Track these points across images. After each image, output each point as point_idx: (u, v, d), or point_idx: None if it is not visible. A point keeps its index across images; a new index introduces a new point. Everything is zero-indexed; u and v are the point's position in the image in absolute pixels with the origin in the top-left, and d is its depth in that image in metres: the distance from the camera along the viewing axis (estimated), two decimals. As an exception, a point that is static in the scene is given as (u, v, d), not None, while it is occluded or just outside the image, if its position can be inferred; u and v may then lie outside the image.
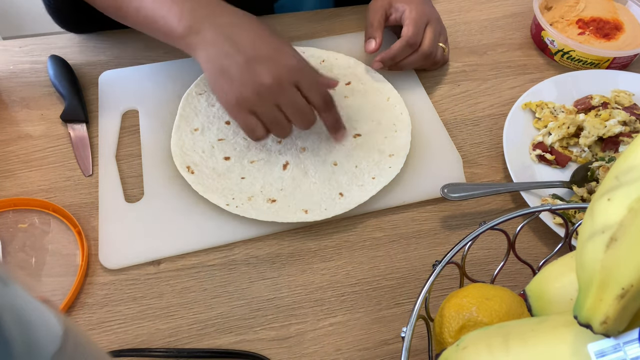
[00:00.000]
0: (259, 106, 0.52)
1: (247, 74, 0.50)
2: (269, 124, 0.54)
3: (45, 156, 0.61)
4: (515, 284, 0.52)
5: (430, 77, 0.71)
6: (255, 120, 0.53)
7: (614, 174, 0.28)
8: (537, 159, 0.61)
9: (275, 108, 0.53)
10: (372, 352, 0.49)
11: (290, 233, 0.56)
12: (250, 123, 0.53)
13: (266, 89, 0.51)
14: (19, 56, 0.71)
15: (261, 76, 0.50)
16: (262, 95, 0.51)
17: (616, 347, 0.26)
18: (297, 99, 0.52)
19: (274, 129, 0.54)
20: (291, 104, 0.52)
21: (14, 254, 0.53)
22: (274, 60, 0.51)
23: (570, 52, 0.70)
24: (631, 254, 0.25)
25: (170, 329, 0.49)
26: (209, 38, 0.52)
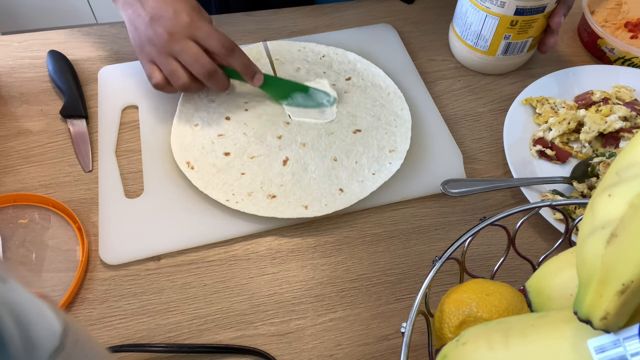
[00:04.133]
0: (156, 57, 0.59)
1: (149, 30, 0.58)
2: (166, 73, 0.59)
3: (45, 152, 0.61)
4: (515, 280, 0.52)
5: (430, 72, 0.71)
6: (155, 68, 0.60)
7: (614, 170, 0.28)
8: (538, 155, 0.61)
9: (170, 58, 0.58)
10: (372, 347, 0.49)
11: (290, 229, 0.56)
12: (148, 70, 0.60)
13: (160, 40, 0.58)
14: (18, 51, 0.71)
15: (157, 31, 0.58)
16: (158, 46, 0.58)
17: (616, 343, 0.26)
18: (190, 48, 0.57)
19: (169, 76, 0.59)
20: (185, 53, 0.57)
21: (14, 249, 0.53)
22: (171, 19, 0.58)
23: (633, 58, 0.69)
24: (632, 250, 0.25)
25: (171, 324, 0.49)
26: (127, 1, 0.60)
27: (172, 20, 0.57)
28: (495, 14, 0.62)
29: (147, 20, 0.58)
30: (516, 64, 0.71)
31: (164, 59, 0.58)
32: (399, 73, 0.69)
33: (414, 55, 0.73)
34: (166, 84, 0.60)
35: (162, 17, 0.57)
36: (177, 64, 0.58)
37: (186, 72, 0.59)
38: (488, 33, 0.65)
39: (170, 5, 0.58)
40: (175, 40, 0.57)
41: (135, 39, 0.60)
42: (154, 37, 0.58)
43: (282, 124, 0.62)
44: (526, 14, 0.61)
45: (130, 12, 0.60)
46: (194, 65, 0.58)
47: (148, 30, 0.58)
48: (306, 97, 0.64)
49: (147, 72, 0.60)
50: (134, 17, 0.59)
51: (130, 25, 0.60)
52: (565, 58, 0.74)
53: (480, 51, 0.68)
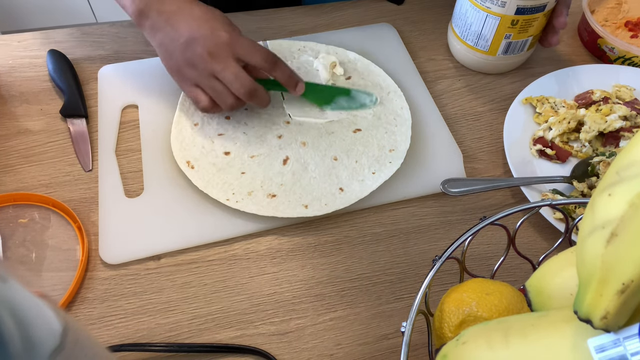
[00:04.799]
0: (199, 78, 0.57)
1: (187, 52, 0.56)
2: (211, 94, 0.58)
3: (44, 151, 0.61)
4: (515, 279, 0.52)
5: (430, 72, 0.71)
6: (200, 91, 0.58)
7: (614, 169, 0.28)
8: (538, 154, 0.61)
9: (212, 78, 0.57)
10: (372, 346, 0.49)
11: (290, 228, 0.56)
12: (193, 94, 0.59)
13: (201, 61, 0.56)
14: (18, 51, 0.71)
15: (197, 51, 0.56)
16: (199, 68, 0.56)
17: (616, 342, 0.26)
18: (231, 67, 0.56)
19: (217, 98, 0.58)
20: (226, 72, 0.56)
21: (14, 249, 0.53)
22: (208, 37, 0.56)
23: (633, 58, 0.69)
24: (632, 250, 0.25)
25: (171, 323, 0.49)
26: (156, 24, 0.57)
27: (210, 40, 0.55)
28: (495, 14, 0.62)
29: (182, 42, 0.56)
30: (516, 63, 0.71)
31: (207, 80, 0.57)
32: (399, 72, 0.69)
33: (414, 54, 0.73)
34: (214, 107, 0.59)
35: (199, 38, 0.55)
36: (222, 85, 0.57)
37: (229, 92, 0.57)
38: (489, 33, 0.65)
39: (206, 24, 0.56)
40: (216, 59, 0.55)
41: (171, 64, 0.58)
42: (194, 59, 0.56)
43: (282, 123, 0.62)
44: (527, 13, 0.61)
45: (161, 36, 0.57)
46: (234, 84, 0.56)
47: (186, 53, 0.56)
48: (349, 99, 0.64)
49: (191, 97, 0.59)
50: (166, 41, 0.57)
51: (162, 50, 0.58)
52: (566, 57, 0.74)
53: (481, 51, 0.68)
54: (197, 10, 0.57)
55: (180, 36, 0.56)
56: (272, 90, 0.62)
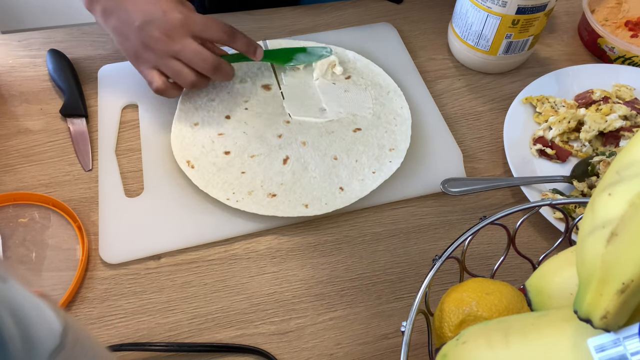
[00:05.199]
0: (157, 60, 0.57)
1: (141, 35, 0.56)
2: (171, 74, 0.58)
3: (44, 151, 0.61)
4: (515, 279, 0.52)
5: (430, 71, 0.71)
6: (154, 72, 0.58)
7: (614, 169, 0.28)
8: (538, 154, 0.61)
9: (172, 59, 0.57)
10: (372, 346, 0.49)
11: (290, 227, 0.56)
12: (148, 75, 0.58)
13: (158, 43, 0.56)
14: (18, 50, 0.71)
15: (152, 34, 0.55)
16: (156, 50, 0.56)
17: (616, 342, 0.26)
18: (190, 45, 0.56)
19: (176, 78, 0.58)
20: (186, 51, 0.56)
21: (14, 248, 0.53)
22: (161, 18, 0.55)
23: (633, 57, 0.69)
24: (632, 249, 0.25)
25: (171, 323, 0.49)
26: (107, 8, 0.57)
27: (165, 21, 0.55)
28: (496, 14, 0.62)
29: (137, 25, 0.55)
30: (517, 63, 0.71)
31: (165, 61, 0.57)
32: (398, 72, 0.69)
33: (414, 54, 0.72)
34: (168, 87, 0.58)
35: (153, 20, 0.55)
36: (180, 64, 0.57)
37: (191, 70, 0.57)
38: (489, 33, 0.65)
39: (157, 5, 0.55)
40: (173, 40, 0.55)
41: (128, 48, 0.58)
42: (150, 41, 0.56)
43: (282, 122, 0.62)
44: (527, 12, 0.61)
45: (114, 20, 0.57)
46: (196, 61, 0.57)
47: (141, 36, 0.56)
48: (307, 55, 0.67)
49: (146, 78, 0.59)
50: (119, 25, 0.57)
51: (117, 36, 0.58)
52: (566, 57, 0.74)
53: (482, 51, 0.68)
54: None
55: (133, 19, 0.55)
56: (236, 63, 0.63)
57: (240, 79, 0.65)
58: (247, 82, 0.65)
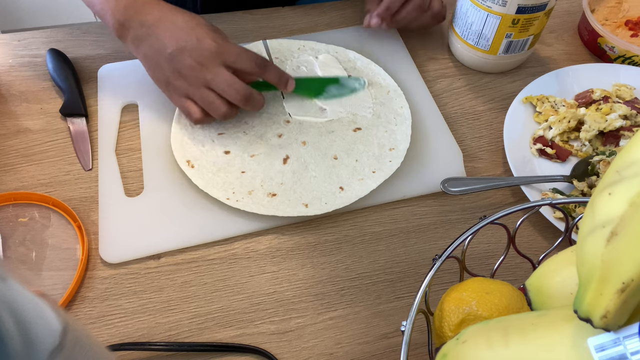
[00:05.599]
0: (189, 89, 0.56)
1: (174, 63, 0.55)
2: (203, 105, 0.57)
3: (44, 150, 0.61)
4: (515, 278, 0.52)
5: (430, 70, 0.71)
6: (191, 103, 0.57)
7: (615, 169, 0.28)
8: (538, 153, 0.61)
9: (204, 89, 0.56)
10: (372, 345, 0.49)
11: (290, 227, 0.56)
12: (185, 106, 0.58)
13: (191, 72, 0.55)
14: (18, 50, 0.70)
15: (185, 62, 0.54)
16: (189, 79, 0.55)
17: (616, 342, 0.26)
18: (223, 75, 0.55)
19: (208, 108, 0.57)
20: (218, 81, 0.55)
21: (14, 248, 0.53)
22: (195, 47, 0.54)
23: (634, 57, 0.69)
24: (632, 249, 0.25)
25: (171, 322, 0.49)
26: (138, 35, 0.56)
27: (198, 49, 0.54)
28: (496, 13, 0.62)
29: (169, 53, 0.54)
30: (517, 62, 0.71)
31: (197, 90, 0.56)
32: (398, 71, 0.69)
33: (414, 53, 0.72)
34: (205, 117, 0.58)
35: (186, 48, 0.54)
36: (213, 94, 0.56)
37: (223, 101, 0.56)
38: (489, 32, 0.65)
39: (191, 33, 0.55)
40: (206, 68, 0.54)
41: (159, 76, 0.57)
42: (183, 70, 0.55)
43: (282, 122, 0.62)
44: (527, 12, 0.61)
45: (145, 48, 0.56)
46: (229, 91, 0.55)
47: (174, 64, 0.55)
48: (339, 87, 0.65)
49: (182, 109, 0.58)
50: (151, 53, 0.56)
51: (148, 63, 0.57)
52: (566, 56, 0.74)
53: (482, 50, 0.68)
54: (180, 19, 0.56)
55: (165, 47, 0.55)
56: (266, 91, 0.62)
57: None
58: None
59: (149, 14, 0.56)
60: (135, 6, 0.56)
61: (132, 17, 0.56)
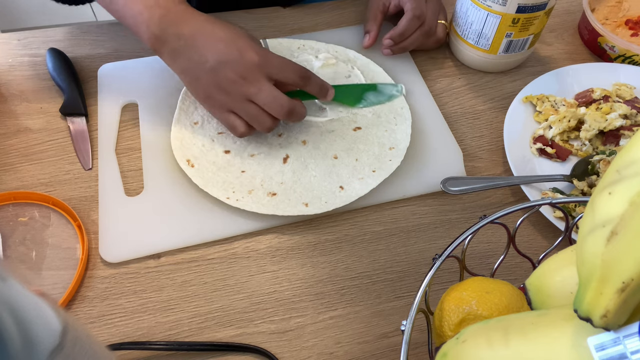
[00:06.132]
0: (232, 104, 0.55)
1: (216, 77, 0.53)
2: (247, 119, 0.55)
3: (44, 150, 0.61)
4: (515, 278, 0.52)
5: (430, 70, 0.71)
6: (234, 117, 0.56)
7: (615, 168, 0.28)
8: (538, 153, 0.61)
9: (248, 102, 0.54)
10: (372, 345, 0.49)
11: (290, 226, 0.56)
12: (229, 121, 0.56)
13: (234, 86, 0.53)
14: (18, 49, 0.70)
15: (228, 76, 0.53)
16: (232, 93, 0.54)
17: (616, 341, 0.26)
18: (266, 89, 0.53)
19: (253, 122, 0.56)
20: (262, 95, 0.54)
21: (14, 247, 0.53)
22: (238, 60, 0.53)
23: (634, 56, 0.69)
24: (632, 248, 0.25)
25: (171, 322, 0.49)
26: (176, 49, 0.54)
27: (241, 63, 0.52)
28: (496, 13, 0.62)
29: (210, 66, 0.53)
30: (517, 62, 0.71)
31: (241, 104, 0.54)
32: (398, 71, 0.69)
33: (414, 53, 0.72)
34: (249, 131, 0.57)
35: (228, 61, 0.52)
36: (257, 108, 0.54)
37: (268, 115, 0.55)
38: (489, 32, 0.65)
39: (233, 45, 0.53)
40: (249, 82, 0.53)
41: (199, 90, 0.56)
42: (226, 84, 0.53)
43: (282, 121, 0.62)
44: (527, 11, 0.61)
45: (184, 61, 0.54)
46: (273, 106, 0.54)
47: (216, 78, 0.53)
48: (377, 94, 0.65)
49: (226, 123, 0.57)
50: (191, 67, 0.54)
51: (187, 76, 0.56)
52: (566, 56, 0.74)
53: (482, 50, 0.67)
54: (220, 31, 0.54)
55: (205, 60, 0.53)
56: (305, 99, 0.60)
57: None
58: None
59: (185, 25, 0.54)
60: (170, 17, 0.54)
61: (167, 30, 0.54)
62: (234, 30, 0.55)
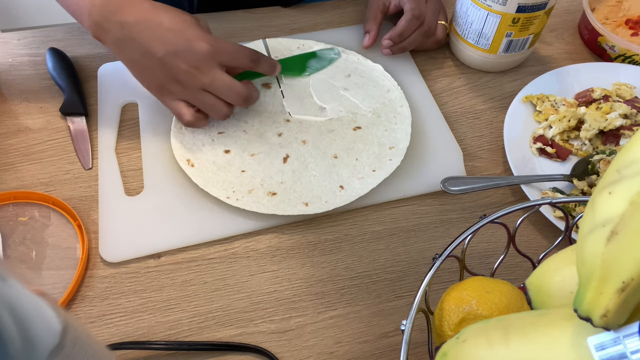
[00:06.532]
0: (187, 94, 0.54)
1: (167, 69, 0.52)
2: (203, 108, 0.56)
3: (44, 149, 0.61)
4: (515, 278, 0.52)
5: (430, 69, 0.71)
6: (183, 105, 0.56)
7: (615, 168, 0.28)
8: (538, 152, 0.61)
9: (203, 92, 0.54)
10: (372, 344, 0.49)
11: (290, 226, 0.56)
12: (177, 109, 0.56)
13: (187, 77, 0.53)
14: (18, 49, 0.70)
15: (180, 68, 0.52)
16: (185, 84, 0.53)
17: (616, 341, 0.26)
18: (221, 78, 0.53)
19: (209, 111, 0.56)
20: (217, 85, 0.54)
21: (15, 247, 0.53)
22: (187, 50, 0.52)
23: (634, 56, 0.69)
24: (632, 248, 0.25)
25: (171, 322, 0.49)
26: (120, 38, 0.52)
27: (192, 53, 0.51)
28: (496, 12, 0.62)
29: (159, 57, 0.52)
30: (517, 61, 0.71)
31: (195, 95, 0.54)
32: (398, 70, 0.69)
33: (414, 52, 0.72)
34: (198, 119, 0.56)
35: (178, 52, 0.51)
36: (212, 97, 0.55)
37: (223, 103, 0.56)
38: (489, 31, 0.65)
39: (181, 36, 0.51)
40: (202, 72, 0.52)
41: (151, 81, 0.55)
42: (179, 75, 0.52)
43: (282, 121, 0.62)
44: (528, 11, 0.61)
45: (130, 52, 0.53)
46: (230, 95, 0.55)
47: (167, 69, 0.52)
48: (318, 60, 0.67)
49: (175, 112, 0.56)
50: (138, 58, 0.53)
51: (134, 66, 0.54)
52: (566, 55, 0.74)
53: (482, 49, 0.67)
54: (167, 20, 0.52)
55: (154, 52, 0.51)
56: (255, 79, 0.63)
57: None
58: None
59: (129, 13, 0.51)
60: (113, 4, 0.52)
61: (110, 17, 0.51)
62: (181, 18, 0.53)
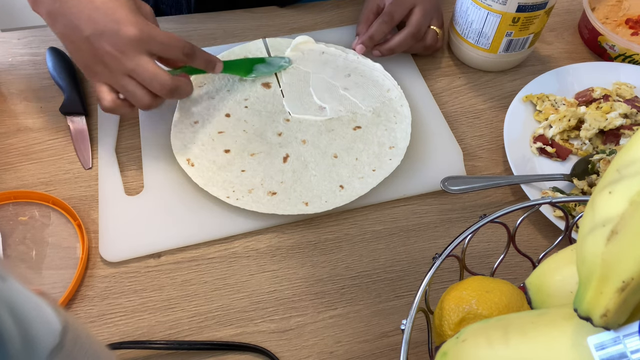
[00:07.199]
0: (110, 77, 0.52)
1: (93, 47, 0.51)
2: (125, 94, 0.54)
3: (44, 149, 0.61)
4: (515, 277, 0.52)
5: (431, 69, 0.71)
6: (105, 89, 0.53)
7: (615, 167, 0.28)
8: (538, 152, 0.61)
9: (126, 78, 0.52)
10: (372, 344, 0.49)
11: (290, 226, 0.56)
12: (98, 92, 0.54)
13: (111, 60, 0.51)
14: (18, 48, 0.70)
15: (105, 48, 0.50)
16: (110, 66, 0.51)
17: (616, 340, 0.26)
18: (145, 65, 0.51)
19: (130, 98, 0.54)
20: (141, 71, 0.51)
21: (14, 246, 0.53)
22: (114, 33, 0.50)
23: (634, 55, 0.69)
24: (632, 247, 0.25)
25: (171, 321, 0.49)
26: (52, 11, 0.51)
27: (118, 36, 0.49)
28: (497, 12, 0.62)
29: (86, 36, 0.50)
30: (517, 61, 0.71)
31: (118, 79, 0.52)
32: (398, 70, 0.69)
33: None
34: (117, 105, 0.54)
35: (104, 33, 0.49)
36: (134, 84, 0.52)
37: (146, 92, 0.53)
38: (490, 31, 0.65)
39: (110, 17, 0.49)
40: (127, 57, 0.50)
41: (78, 58, 0.53)
42: (103, 56, 0.50)
43: (282, 121, 0.62)
44: (528, 10, 0.61)
45: (61, 26, 0.51)
46: (153, 84, 0.52)
47: (93, 48, 0.50)
48: (267, 65, 0.67)
49: (97, 95, 0.54)
50: (67, 33, 0.51)
51: (64, 41, 0.53)
52: (566, 55, 0.74)
53: (482, 49, 0.67)
54: None
55: (82, 30, 0.50)
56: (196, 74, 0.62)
57: (240, 77, 0.65)
58: (247, 80, 0.65)
59: None
60: None
61: None
62: None
